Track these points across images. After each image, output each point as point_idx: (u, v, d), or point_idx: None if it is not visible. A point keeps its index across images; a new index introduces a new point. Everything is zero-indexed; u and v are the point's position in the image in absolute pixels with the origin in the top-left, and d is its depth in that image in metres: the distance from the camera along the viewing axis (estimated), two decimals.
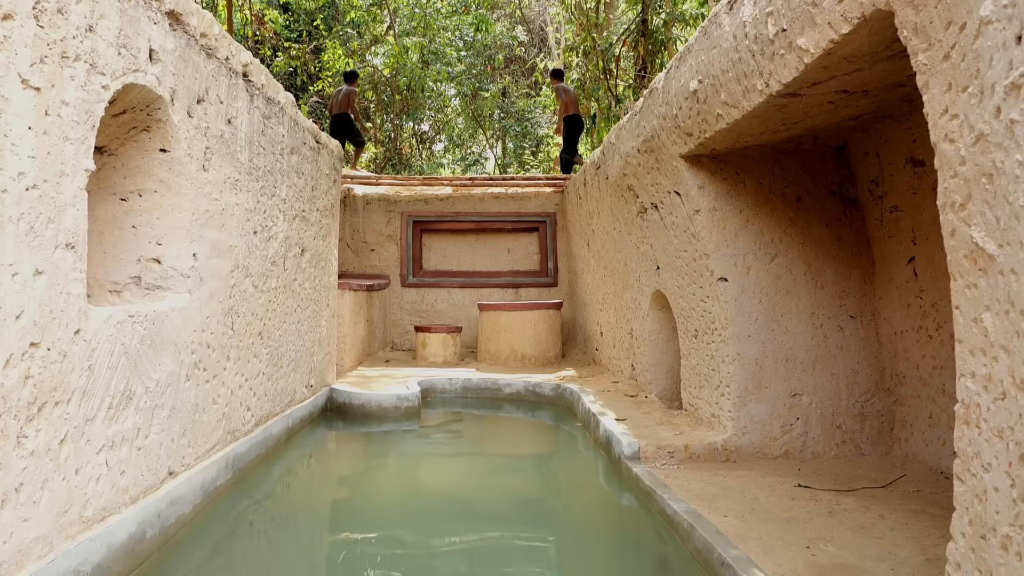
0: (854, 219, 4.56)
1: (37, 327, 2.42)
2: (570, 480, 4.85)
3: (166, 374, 3.40)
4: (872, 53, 2.70)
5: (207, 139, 3.85)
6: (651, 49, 13.64)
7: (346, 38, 17.53)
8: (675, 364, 6.06)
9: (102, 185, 3.45)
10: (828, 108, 3.53)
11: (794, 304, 4.46)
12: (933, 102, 2.01)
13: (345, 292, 7.76)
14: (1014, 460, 1.70)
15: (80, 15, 2.63)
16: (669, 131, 4.57)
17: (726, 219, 4.51)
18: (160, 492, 3.29)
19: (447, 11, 17.59)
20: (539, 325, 8.71)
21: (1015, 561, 1.70)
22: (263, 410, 4.87)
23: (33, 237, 2.39)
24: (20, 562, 2.33)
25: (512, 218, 10.53)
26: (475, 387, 7.49)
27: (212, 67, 3.91)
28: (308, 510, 4.14)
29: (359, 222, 10.55)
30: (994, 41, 1.73)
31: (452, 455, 5.49)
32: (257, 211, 4.68)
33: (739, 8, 3.37)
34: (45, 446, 2.48)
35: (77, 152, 2.66)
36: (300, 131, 5.63)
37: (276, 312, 5.12)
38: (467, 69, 18.19)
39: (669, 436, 4.57)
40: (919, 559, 2.74)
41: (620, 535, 3.64)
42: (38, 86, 2.41)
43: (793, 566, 2.67)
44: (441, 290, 10.54)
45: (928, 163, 3.87)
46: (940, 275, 3.90)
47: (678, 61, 4.31)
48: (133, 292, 3.52)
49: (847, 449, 4.36)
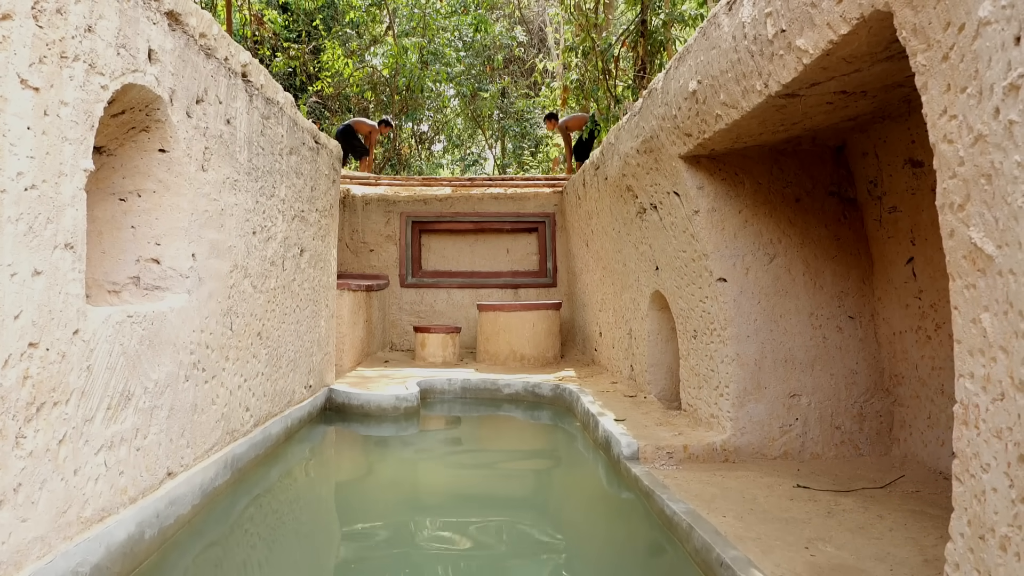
0: (853, 219, 4.56)
1: (36, 327, 2.42)
2: (569, 480, 4.85)
3: (165, 374, 3.40)
4: (871, 54, 2.70)
5: (206, 139, 3.85)
6: (650, 50, 13.64)
7: (345, 38, 17.53)
8: (674, 364, 6.06)
9: (101, 185, 3.45)
10: (827, 109, 3.53)
11: (793, 304, 4.46)
12: (932, 103, 2.01)
13: (344, 292, 7.76)
14: (1013, 461, 1.70)
15: (79, 15, 2.63)
16: (668, 132, 4.57)
17: (725, 219, 4.52)
18: (159, 493, 3.28)
19: (446, 11, 17.59)
20: (538, 325, 8.71)
21: (1014, 562, 1.70)
22: (262, 410, 4.87)
23: (32, 237, 2.39)
24: (18, 563, 2.33)
25: (511, 218, 10.54)
26: (474, 387, 7.49)
27: (211, 67, 3.91)
28: (307, 511, 4.14)
29: (358, 222, 10.55)
30: (993, 42, 1.73)
31: (451, 455, 5.49)
32: (256, 211, 4.68)
33: (738, 9, 3.37)
34: (44, 446, 2.48)
35: (76, 152, 2.65)
36: (299, 131, 5.62)
37: (275, 312, 5.12)
38: (466, 69, 18.19)
39: (668, 436, 4.57)
40: (918, 559, 2.74)
41: (619, 535, 3.64)
42: (37, 86, 2.40)
43: (792, 566, 2.67)
44: (440, 290, 10.54)
45: (927, 164, 3.87)
46: (939, 276, 3.90)
47: (677, 62, 4.32)
48: (132, 292, 3.52)
49: (846, 449, 4.37)
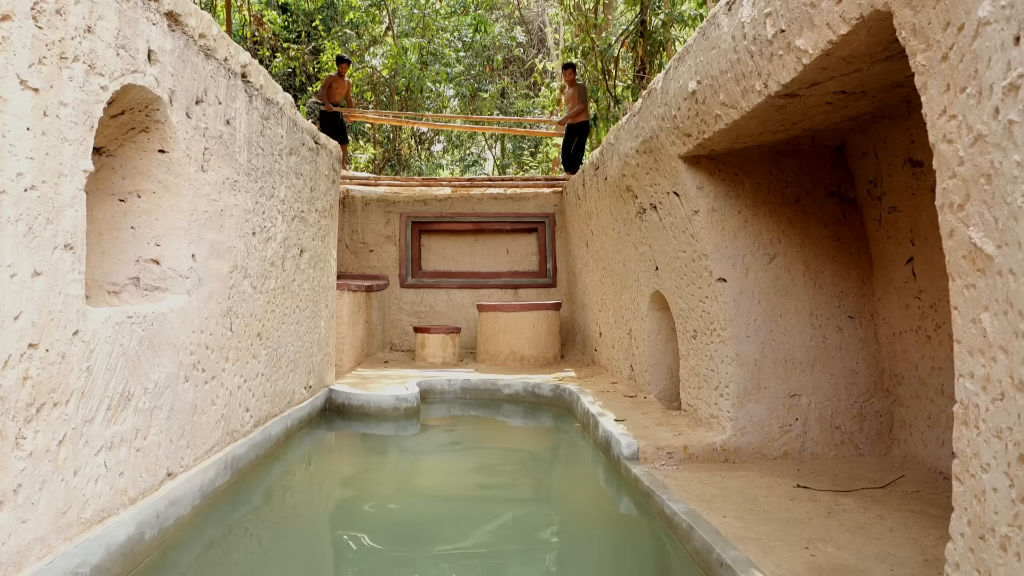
0: (853, 220, 4.56)
1: (36, 328, 2.42)
2: (569, 480, 4.85)
3: (165, 375, 3.40)
4: (870, 54, 2.70)
5: (206, 140, 3.85)
6: (650, 50, 13.65)
7: (345, 39, 17.53)
8: (674, 365, 6.06)
9: (101, 186, 3.45)
10: (827, 109, 3.53)
11: (793, 305, 4.46)
12: (931, 103, 2.01)
13: (344, 293, 7.75)
14: (1013, 460, 1.70)
15: (79, 16, 2.63)
16: (668, 132, 4.57)
17: (725, 220, 4.52)
18: (159, 493, 3.28)
19: (446, 12, 17.59)
20: (538, 326, 8.71)
21: (1014, 561, 1.70)
22: (262, 411, 4.87)
23: (31, 238, 2.39)
24: (18, 563, 2.33)
25: (511, 219, 10.53)
26: (474, 388, 7.48)
27: (211, 68, 3.91)
28: (307, 511, 4.14)
29: (358, 223, 10.55)
30: (992, 42, 1.73)
31: (451, 456, 5.48)
32: (256, 212, 4.68)
33: (738, 9, 3.37)
34: (44, 447, 2.48)
35: (75, 153, 2.65)
36: (299, 132, 5.62)
37: (275, 313, 5.12)
38: (466, 70, 18.20)
39: (668, 437, 4.57)
40: (918, 559, 2.74)
41: (619, 536, 3.64)
42: (36, 87, 2.40)
43: (792, 566, 2.67)
44: (440, 291, 10.54)
45: (927, 164, 3.87)
46: (939, 275, 3.90)
47: (677, 62, 4.32)
48: (132, 293, 3.52)
49: (846, 449, 4.37)
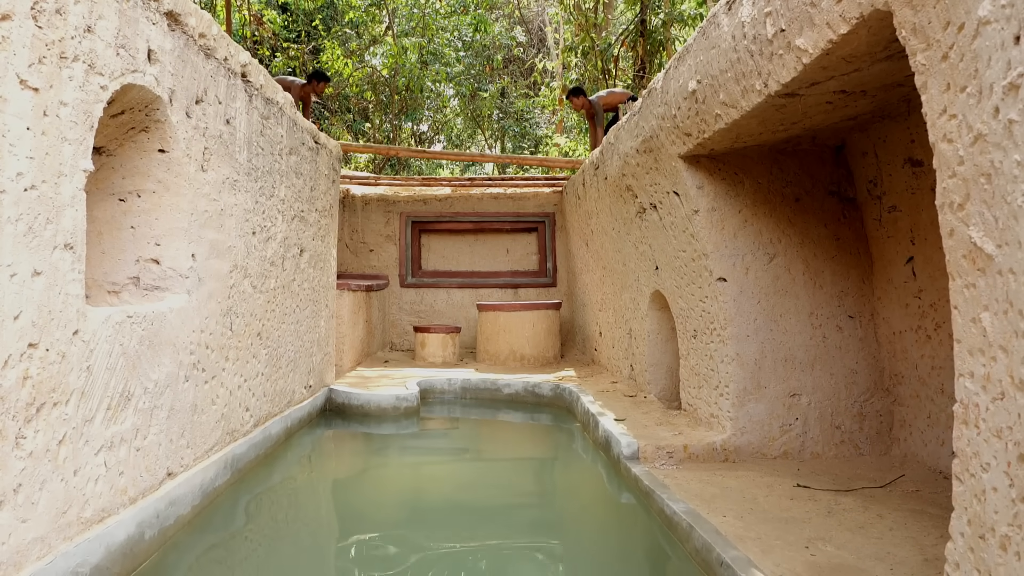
0: (853, 219, 4.56)
1: (35, 328, 2.42)
2: (569, 480, 4.85)
3: (165, 375, 3.40)
4: (870, 53, 2.70)
5: (206, 139, 3.85)
6: (650, 49, 13.66)
7: (345, 38, 17.52)
8: (674, 364, 6.06)
9: (101, 186, 3.45)
10: (827, 108, 3.53)
11: (793, 304, 4.46)
12: (931, 102, 2.01)
13: (344, 292, 7.75)
14: (1013, 460, 1.70)
15: (78, 15, 2.63)
16: (668, 131, 4.57)
17: (725, 219, 4.51)
18: (159, 493, 3.28)
19: (446, 11, 17.58)
20: (538, 325, 8.71)
21: (1014, 561, 1.70)
22: (262, 411, 4.87)
23: (31, 238, 2.39)
24: (18, 563, 2.33)
25: (511, 218, 10.53)
26: (474, 387, 7.48)
27: (211, 67, 3.91)
28: (307, 511, 4.14)
29: (358, 222, 10.55)
30: (992, 41, 1.73)
31: (451, 455, 5.48)
32: (256, 211, 4.68)
33: (738, 8, 3.37)
34: (43, 447, 2.48)
35: (75, 153, 2.65)
36: (299, 131, 5.62)
37: (275, 313, 5.12)
38: (466, 69, 18.18)
39: (668, 436, 4.57)
40: (918, 559, 2.74)
41: (619, 535, 3.64)
42: (36, 86, 2.40)
43: (792, 566, 2.67)
44: (440, 290, 10.54)
45: (927, 163, 3.87)
46: (939, 275, 3.90)
47: (677, 61, 4.31)
48: (132, 293, 3.51)
49: (846, 449, 4.37)
